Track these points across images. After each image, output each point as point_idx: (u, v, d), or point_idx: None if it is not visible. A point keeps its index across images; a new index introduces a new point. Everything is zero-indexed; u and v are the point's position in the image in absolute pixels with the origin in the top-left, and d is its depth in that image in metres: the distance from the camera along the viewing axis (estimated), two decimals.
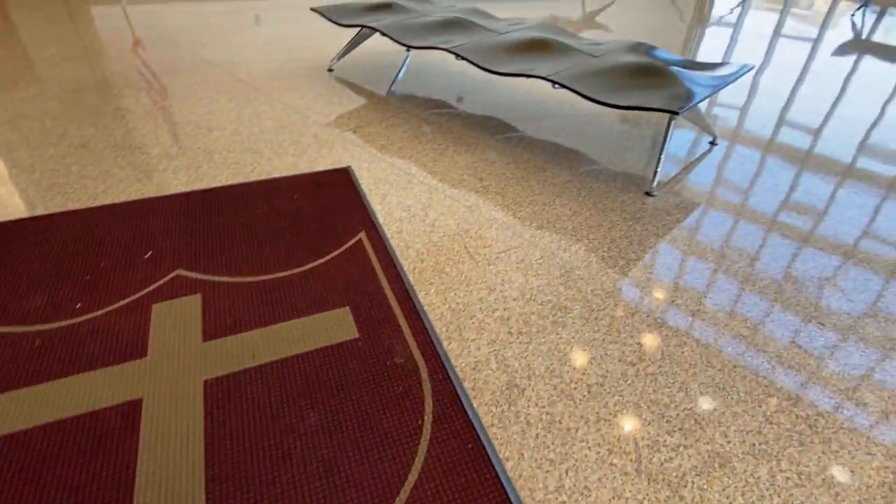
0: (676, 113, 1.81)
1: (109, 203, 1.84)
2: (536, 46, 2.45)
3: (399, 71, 3.15)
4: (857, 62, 4.11)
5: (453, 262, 1.62)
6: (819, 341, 1.39)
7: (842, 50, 4.52)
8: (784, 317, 1.47)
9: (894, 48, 4.52)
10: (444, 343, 1.31)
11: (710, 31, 4.93)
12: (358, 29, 3.17)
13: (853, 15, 5.40)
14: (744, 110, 2.98)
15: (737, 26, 5.16)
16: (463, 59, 2.39)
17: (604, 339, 1.35)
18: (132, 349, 1.27)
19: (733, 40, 4.60)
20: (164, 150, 2.24)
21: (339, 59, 3.30)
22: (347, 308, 1.41)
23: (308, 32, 4.14)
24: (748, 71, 2.28)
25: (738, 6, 5.90)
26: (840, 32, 5.01)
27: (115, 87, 2.93)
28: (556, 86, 2.10)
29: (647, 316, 1.44)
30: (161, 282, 1.49)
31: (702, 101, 1.96)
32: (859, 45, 4.61)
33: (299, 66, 3.37)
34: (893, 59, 4.21)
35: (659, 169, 2.04)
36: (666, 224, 1.87)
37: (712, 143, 2.48)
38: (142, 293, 1.45)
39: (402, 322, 1.37)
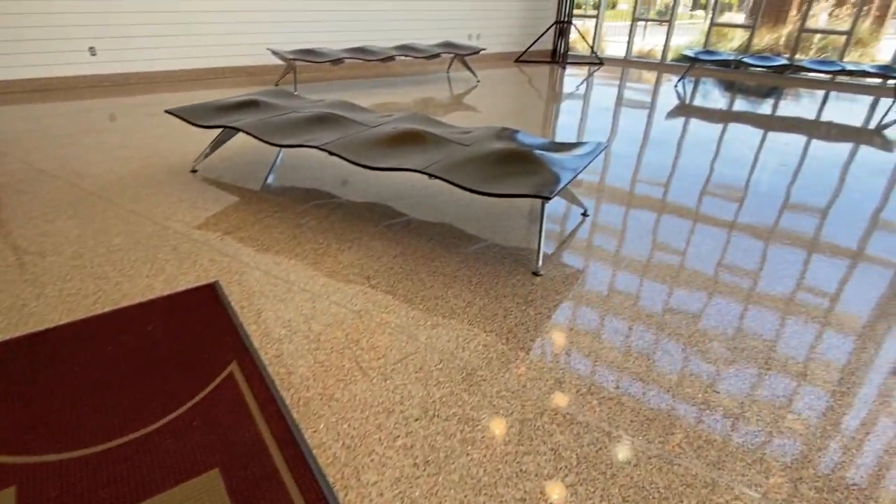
0: (547, 198, 1.86)
1: None
2: (409, 138, 2.46)
3: (273, 165, 3.02)
4: (685, 124, 4.76)
5: (344, 384, 1.44)
6: (715, 420, 1.40)
7: (672, 114, 5.24)
8: (686, 407, 1.48)
9: (710, 110, 5.33)
10: (341, 495, 1.12)
11: (565, 106, 5.47)
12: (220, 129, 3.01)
13: (676, 85, 6.35)
14: (604, 178, 3.24)
15: (585, 99, 5.80)
16: (335, 155, 2.32)
17: (517, 452, 1.25)
18: None
19: (584, 114, 5.13)
20: None
21: (204, 158, 3.09)
22: (217, 470, 1.16)
23: (167, 132, 3.87)
24: (603, 149, 2.48)
25: (582, 83, 6.68)
26: (668, 100, 5.83)
27: None
28: (432, 177, 2.10)
29: (556, 413, 1.37)
30: None
31: (568, 182, 2.05)
32: (685, 110, 5.39)
33: (158, 169, 3.09)
34: (711, 118, 4.96)
35: (540, 249, 2.08)
36: (555, 303, 1.87)
37: (584, 215, 2.62)
38: None
39: (287, 477, 1.15)
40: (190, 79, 5.75)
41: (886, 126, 4.96)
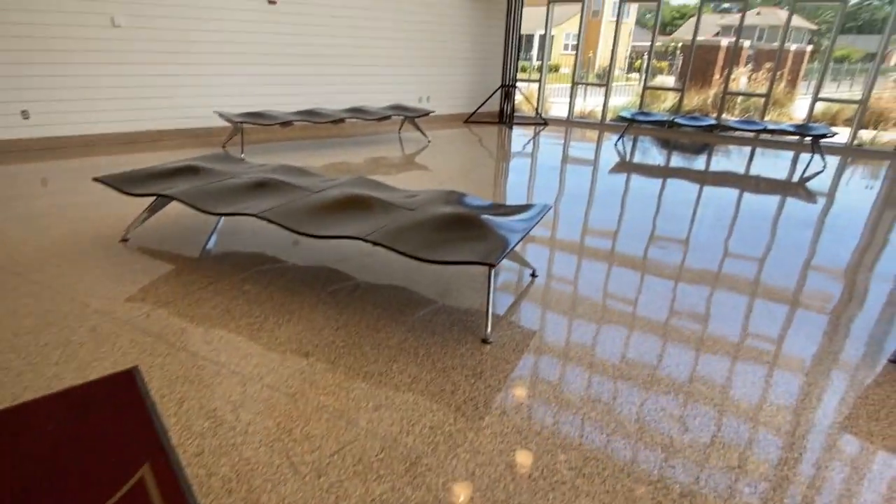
0: (493, 265, 1.83)
1: None
2: (353, 203, 2.41)
3: (214, 229, 2.88)
4: (627, 180, 4.97)
5: (273, 484, 1.29)
6: (677, 482, 1.33)
7: (615, 170, 5.47)
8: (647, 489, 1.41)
9: (649, 166, 5.61)
10: None
11: (513, 164, 5.63)
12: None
13: (616, 144, 6.69)
14: (552, 236, 3.28)
15: (532, 158, 6.00)
16: (274, 223, 2.23)
17: None
18: None
19: (532, 172, 5.28)
20: None
21: (138, 225, 2.91)
22: None
23: (101, 198, 3.68)
24: (548, 210, 2.50)
25: (529, 142, 6.94)
26: (610, 157, 6.11)
27: None
28: (375, 244, 2.03)
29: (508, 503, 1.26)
30: None
31: (514, 246, 2.04)
32: (626, 167, 5.64)
33: (85, 238, 2.89)
34: (651, 174, 5.20)
35: (489, 316, 2.02)
36: (505, 373, 1.79)
37: (533, 276, 2.61)
38: None
39: None
40: (131, 142, 5.59)
41: (808, 179, 5.34)
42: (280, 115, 5.23)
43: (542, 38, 8.42)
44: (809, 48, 15.40)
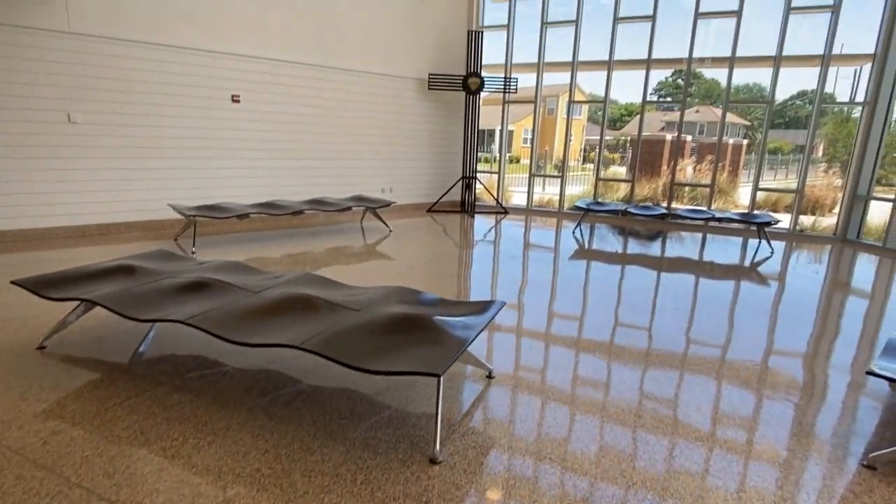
0: (439, 375, 1.68)
1: None
2: (294, 304, 2.26)
3: (147, 332, 2.65)
4: (587, 268, 5.00)
5: None
6: None
7: (574, 257, 5.53)
8: None
9: (607, 253, 5.71)
10: None
11: (475, 253, 5.63)
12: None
13: (574, 232, 6.85)
14: (512, 331, 3.16)
15: (494, 245, 6.04)
16: (202, 330, 2.04)
17: None
18: None
19: (494, 260, 5.28)
20: None
21: (60, 330, 2.66)
22: None
23: (25, 300, 3.40)
24: (502, 307, 2.41)
25: (490, 231, 7.05)
26: (568, 244, 6.22)
27: None
28: (309, 352, 1.86)
29: None
30: None
31: (466, 347, 1.91)
32: (585, 254, 5.72)
33: None
34: (609, 261, 5.27)
35: (438, 433, 1.83)
36: (455, 501, 1.58)
37: (489, 377, 2.45)
38: None
39: None
40: (81, 235, 5.37)
41: (759, 263, 5.51)
42: (236, 208, 5.16)
43: (501, 133, 8.88)
44: (745, 141, 16.84)
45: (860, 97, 6.50)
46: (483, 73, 8.01)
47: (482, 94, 8.25)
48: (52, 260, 4.39)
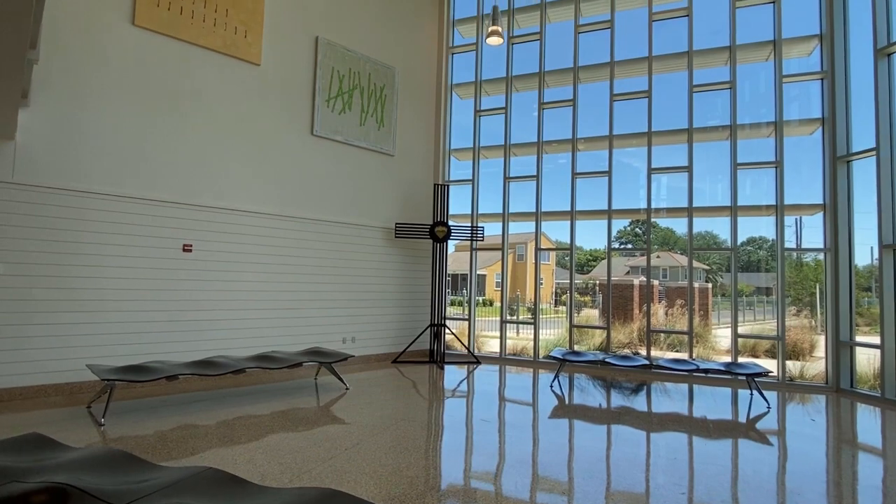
0: None
1: None
2: None
3: None
4: (570, 428, 4.36)
5: None
6: None
7: (555, 414, 4.89)
8: None
9: (590, 408, 5.09)
10: None
11: (445, 413, 4.95)
12: None
13: (552, 385, 6.27)
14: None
15: (467, 404, 5.38)
16: None
17: None
18: None
19: (467, 425, 4.61)
20: None
21: None
22: None
23: None
24: None
25: (461, 383, 6.42)
26: (547, 399, 5.60)
27: None
28: None
29: None
30: None
31: None
32: (566, 410, 5.09)
33: None
34: (593, 418, 4.64)
35: None
36: None
37: None
38: None
39: None
40: None
41: (756, 420, 4.97)
42: (166, 368, 4.49)
43: (469, 280, 8.71)
44: (710, 285, 17.29)
45: (815, 244, 6.65)
46: (450, 222, 8.07)
47: (451, 241, 8.23)
48: None
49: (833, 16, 6.43)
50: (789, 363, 6.80)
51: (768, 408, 5.42)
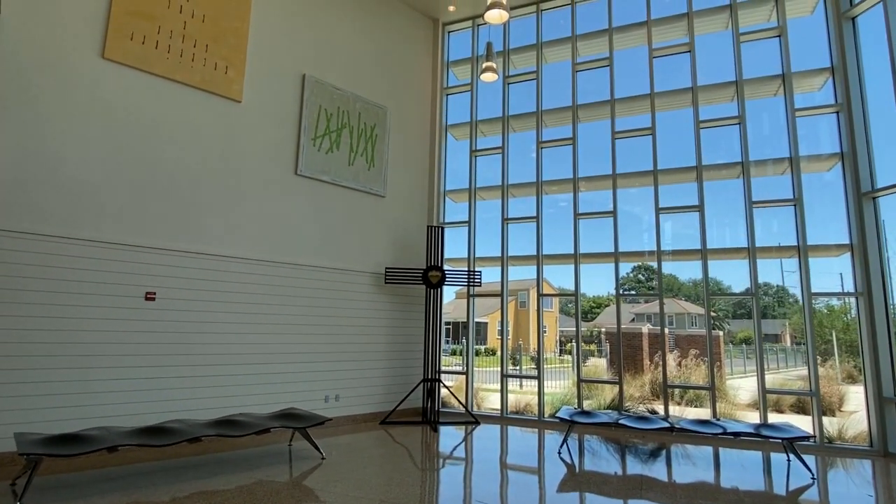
0: None
1: None
2: None
3: None
4: (582, 503, 3.65)
5: None
6: None
7: (563, 487, 4.18)
8: None
9: (605, 476, 4.36)
10: None
11: (438, 492, 4.23)
12: None
13: (559, 452, 5.52)
14: None
15: (464, 477, 4.66)
16: None
17: None
18: None
19: (467, 494, 3.89)
20: None
21: None
22: None
23: None
24: None
25: (457, 447, 5.68)
26: (556, 469, 4.87)
27: None
28: None
29: None
30: None
31: None
32: (577, 481, 4.37)
33: None
34: (609, 491, 3.92)
35: None
36: None
37: None
38: None
39: None
40: None
41: (798, 492, 4.24)
42: (106, 438, 3.82)
43: (468, 329, 8.08)
44: (721, 333, 16.54)
45: (831, 288, 6.08)
46: (445, 267, 7.53)
47: (447, 287, 7.65)
48: None
49: (844, 47, 6.14)
50: (828, 421, 6.07)
51: (813, 478, 4.68)
